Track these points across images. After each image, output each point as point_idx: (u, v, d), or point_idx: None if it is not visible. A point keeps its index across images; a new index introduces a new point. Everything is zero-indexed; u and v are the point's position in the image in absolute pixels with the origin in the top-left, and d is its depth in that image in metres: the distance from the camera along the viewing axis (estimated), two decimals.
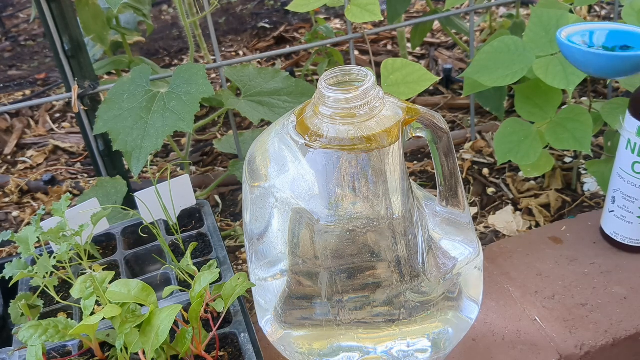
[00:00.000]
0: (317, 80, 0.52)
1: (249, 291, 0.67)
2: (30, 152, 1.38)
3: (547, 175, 1.07)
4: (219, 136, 1.35)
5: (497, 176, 1.11)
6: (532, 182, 1.07)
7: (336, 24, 1.83)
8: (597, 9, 1.61)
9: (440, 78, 1.43)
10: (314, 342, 0.61)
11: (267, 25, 1.86)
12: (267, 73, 1.01)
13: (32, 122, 1.48)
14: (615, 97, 1.12)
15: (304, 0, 0.93)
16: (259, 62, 1.65)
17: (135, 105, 0.86)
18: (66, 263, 0.67)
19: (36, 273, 0.66)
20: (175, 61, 1.74)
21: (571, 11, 0.98)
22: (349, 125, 0.53)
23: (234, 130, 1.05)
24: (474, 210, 1.04)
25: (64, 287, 0.74)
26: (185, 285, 0.70)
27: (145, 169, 1.19)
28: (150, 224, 0.73)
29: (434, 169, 0.72)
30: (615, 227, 0.83)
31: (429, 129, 0.56)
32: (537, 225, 0.99)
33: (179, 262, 0.72)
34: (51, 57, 1.80)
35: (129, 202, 0.89)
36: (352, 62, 1.01)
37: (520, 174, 1.10)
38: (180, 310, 0.61)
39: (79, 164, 1.33)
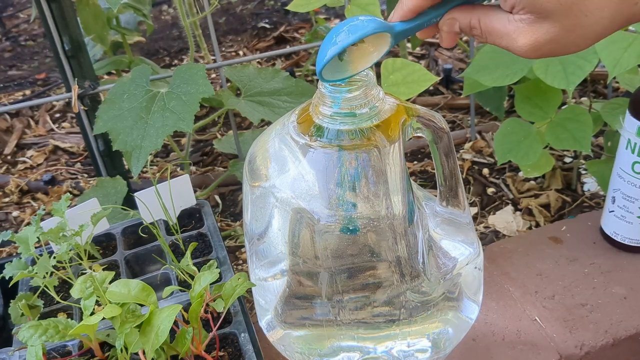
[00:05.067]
0: (317, 80, 0.52)
1: (249, 291, 0.67)
2: (30, 152, 1.37)
3: (547, 175, 1.07)
4: (219, 136, 1.34)
5: (497, 176, 1.11)
6: (532, 182, 1.07)
7: (336, 23, 1.83)
8: None
9: (440, 78, 1.43)
10: (314, 342, 0.61)
11: (267, 25, 1.86)
12: (267, 73, 1.01)
13: (32, 122, 1.48)
14: (615, 97, 1.12)
15: (304, 0, 0.93)
16: (259, 62, 1.65)
17: (135, 105, 0.86)
18: (66, 263, 0.67)
19: (36, 273, 0.66)
20: (175, 61, 1.74)
21: None
22: (349, 125, 0.53)
23: (234, 130, 1.04)
24: (474, 210, 1.04)
25: (64, 287, 0.74)
26: (185, 285, 0.70)
27: (145, 169, 1.19)
28: (150, 224, 0.73)
29: (434, 169, 0.72)
30: (615, 227, 0.83)
31: (429, 128, 0.56)
32: (537, 225, 0.99)
33: (179, 262, 0.72)
34: (51, 57, 1.80)
35: (129, 202, 0.89)
36: None
37: (520, 174, 1.10)
38: (180, 310, 0.61)
39: (79, 164, 1.33)
